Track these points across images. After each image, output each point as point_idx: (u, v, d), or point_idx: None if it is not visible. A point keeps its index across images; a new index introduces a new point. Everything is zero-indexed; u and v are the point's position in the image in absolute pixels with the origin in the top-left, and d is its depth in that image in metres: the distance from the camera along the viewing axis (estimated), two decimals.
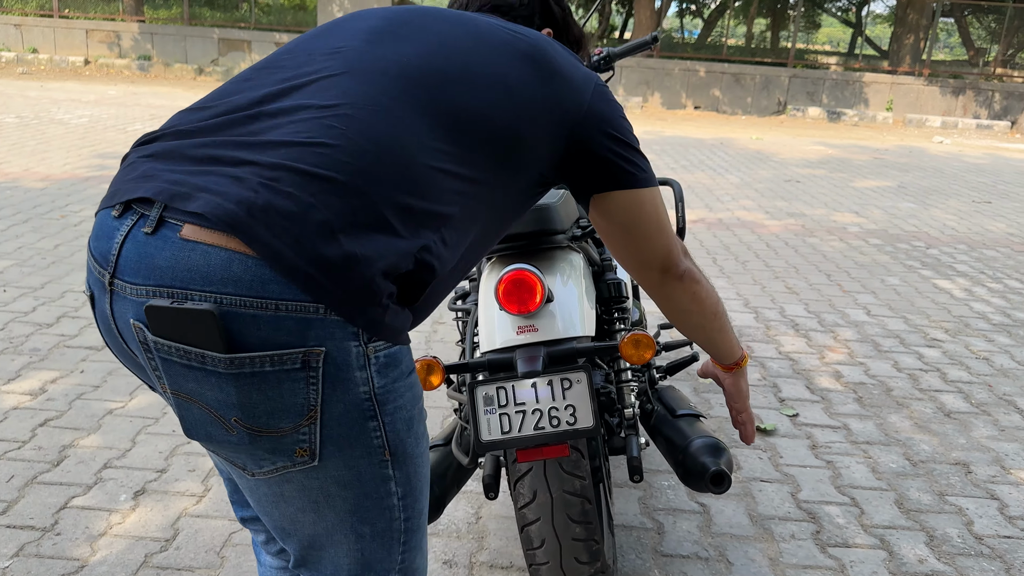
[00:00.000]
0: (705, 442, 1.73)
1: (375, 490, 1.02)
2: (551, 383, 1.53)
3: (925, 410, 3.07)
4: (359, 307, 0.92)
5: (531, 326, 1.60)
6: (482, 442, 1.53)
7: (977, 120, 14.31)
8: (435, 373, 1.59)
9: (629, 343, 1.55)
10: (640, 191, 1.22)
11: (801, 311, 4.15)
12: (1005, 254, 5.59)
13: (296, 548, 1.08)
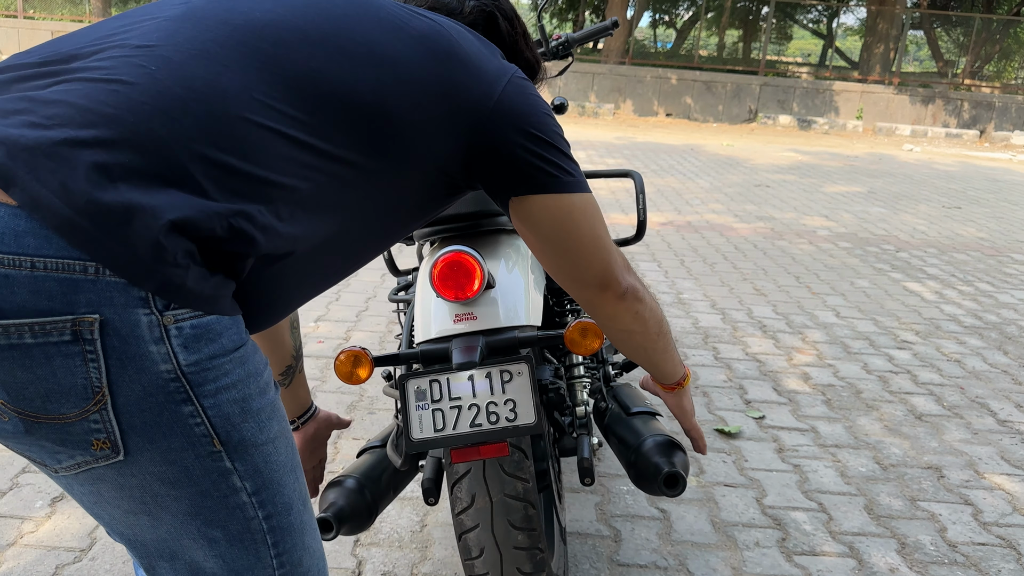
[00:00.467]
0: (658, 441, 1.60)
1: (213, 487, 0.86)
2: (489, 376, 1.39)
3: (896, 413, 2.97)
4: (145, 266, 0.76)
5: (469, 314, 1.47)
6: (413, 441, 1.38)
7: (947, 129, 14.43)
8: (362, 365, 1.44)
9: (575, 331, 1.42)
10: (564, 196, 1.07)
11: (769, 312, 4.06)
12: (975, 258, 5.55)
13: (144, 558, 0.93)
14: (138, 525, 0.88)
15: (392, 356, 1.44)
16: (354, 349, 1.43)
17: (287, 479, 0.93)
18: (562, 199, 1.07)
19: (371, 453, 1.71)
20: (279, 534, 0.93)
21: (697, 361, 3.36)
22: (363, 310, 3.72)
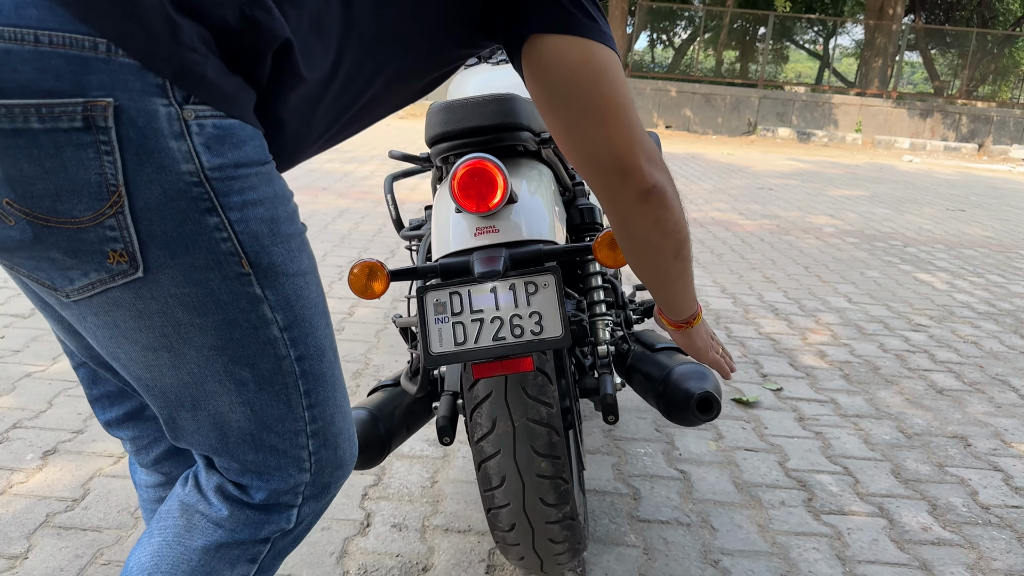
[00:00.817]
0: (688, 368, 1.52)
1: (242, 316, 0.77)
2: (513, 287, 1.31)
3: (916, 387, 2.89)
4: (159, 45, 0.68)
5: (491, 227, 1.39)
6: (432, 355, 1.29)
7: (945, 142, 14.44)
8: (378, 279, 1.36)
9: (604, 242, 1.34)
10: (583, 42, 0.92)
11: (780, 297, 3.98)
12: (984, 253, 5.49)
13: (164, 408, 0.83)
14: (158, 365, 0.79)
15: (410, 270, 1.35)
16: (369, 261, 1.34)
17: (319, 322, 0.85)
18: (580, 44, 0.92)
19: (384, 391, 1.62)
20: (312, 381, 0.84)
21: None
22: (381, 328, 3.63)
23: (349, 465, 0.96)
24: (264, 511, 0.89)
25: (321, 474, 0.92)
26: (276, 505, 0.90)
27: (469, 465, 2.11)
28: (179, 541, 0.89)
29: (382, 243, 4.48)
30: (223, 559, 0.89)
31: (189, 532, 0.89)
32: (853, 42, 31.90)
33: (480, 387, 1.38)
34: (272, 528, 0.90)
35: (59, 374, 2.46)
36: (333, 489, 0.95)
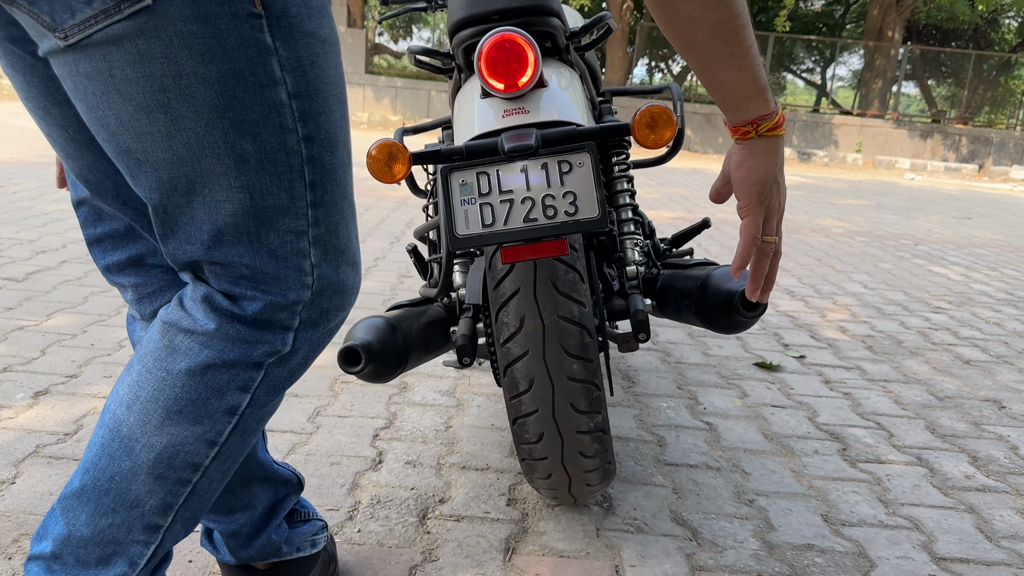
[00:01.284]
0: (725, 270, 1.42)
1: (249, 67, 0.69)
2: (545, 167, 1.21)
3: (942, 358, 2.79)
4: None
5: (520, 108, 1.29)
6: (458, 237, 1.20)
7: (945, 163, 14.44)
8: (399, 161, 1.26)
9: (643, 122, 1.25)
10: None
11: (795, 283, 3.88)
12: (995, 252, 5.41)
13: (155, 192, 0.74)
14: (152, 132, 0.69)
15: (433, 152, 1.26)
16: (388, 141, 1.25)
17: (335, 106, 0.75)
18: None
19: (403, 309, 1.52)
20: (319, 172, 0.75)
21: None
22: (371, 266, 3.54)
23: (351, 295, 0.86)
24: (256, 327, 0.79)
25: (321, 295, 0.82)
26: (270, 322, 0.80)
27: (485, 412, 2.01)
28: (160, 366, 0.79)
29: (387, 230, 4.39)
30: (211, 385, 0.78)
31: (171, 354, 0.79)
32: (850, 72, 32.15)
33: (507, 283, 1.28)
34: (265, 349, 0.80)
35: (53, 327, 2.36)
36: (332, 319, 0.85)
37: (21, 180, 5.02)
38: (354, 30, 15.32)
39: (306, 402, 1.99)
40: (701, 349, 2.67)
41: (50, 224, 3.77)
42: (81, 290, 2.76)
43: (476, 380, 2.23)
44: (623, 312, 1.46)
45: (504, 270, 1.28)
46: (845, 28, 25.40)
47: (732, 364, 2.54)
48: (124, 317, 2.52)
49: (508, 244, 1.20)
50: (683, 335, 2.82)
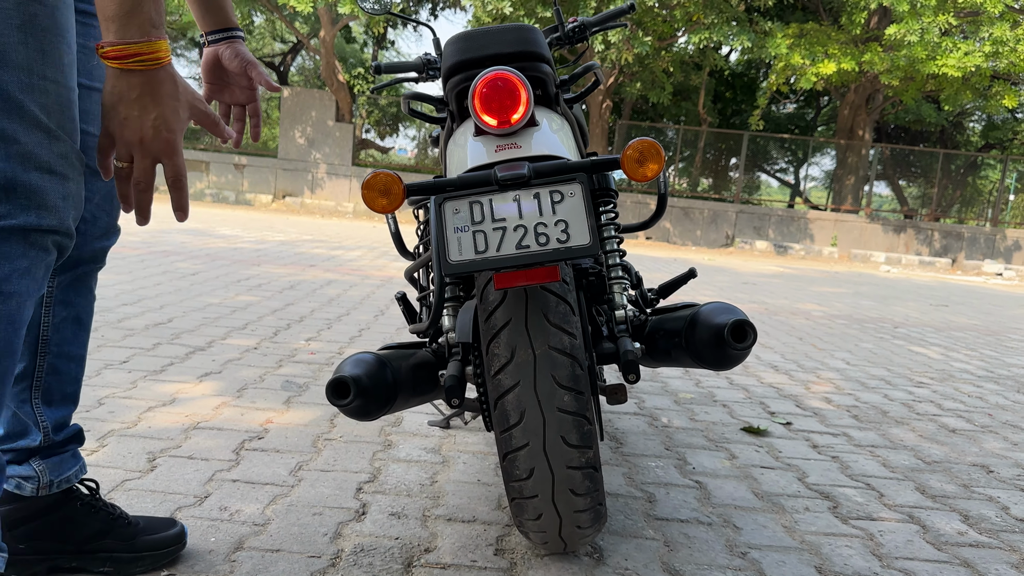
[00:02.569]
0: (713, 306, 1.43)
1: None
2: (538, 196, 1.24)
3: (927, 427, 2.78)
4: None
5: (513, 144, 1.33)
6: (450, 263, 1.21)
7: (920, 256, 14.76)
8: (393, 192, 1.29)
9: (632, 154, 1.28)
10: None
11: (778, 359, 3.90)
12: (973, 335, 5.48)
13: None
14: None
15: (428, 184, 1.28)
16: (385, 172, 1.27)
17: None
18: None
19: (394, 349, 1.52)
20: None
21: (712, 384, 3.17)
22: (356, 336, 3.52)
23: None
24: None
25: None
26: None
27: (471, 468, 1.97)
28: None
29: (372, 305, 4.40)
30: None
31: None
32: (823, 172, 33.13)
33: (499, 315, 1.29)
34: None
35: None
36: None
37: None
38: (342, 124, 15.69)
39: (288, 457, 1.95)
40: (688, 415, 2.66)
41: None
42: None
43: (462, 439, 2.20)
44: (612, 355, 1.47)
45: (496, 301, 1.29)
46: (817, 129, 26.31)
47: (719, 428, 2.53)
48: (104, 378, 2.48)
49: (501, 270, 1.21)
50: (669, 401, 2.81)
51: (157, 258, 5.61)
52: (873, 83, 15.97)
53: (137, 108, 0.95)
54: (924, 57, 13.18)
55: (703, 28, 12.94)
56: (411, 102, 1.61)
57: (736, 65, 22.37)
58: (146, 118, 0.95)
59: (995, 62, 13.34)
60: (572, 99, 1.66)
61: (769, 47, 13.28)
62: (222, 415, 2.21)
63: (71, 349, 1.31)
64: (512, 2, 12.10)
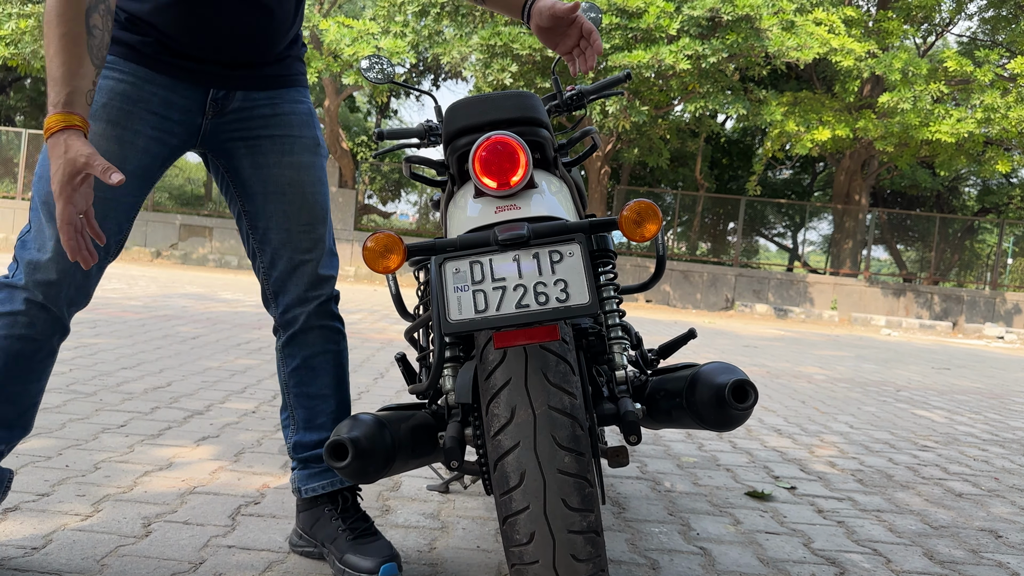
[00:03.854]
0: (713, 366, 1.43)
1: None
2: (537, 256, 1.25)
3: (933, 491, 2.75)
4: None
5: (512, 205, 1.35)
6: (450, 322, 1.22)
7: (920, 320, 14.76)
8: (395, 252, 1.30)
9: (630, 215, 1.30)
10: None
11: (781, 422, 3.87)
12: (976, 398, 5.44)
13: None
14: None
15: (428, 244, 1.29)
16: (386, 232, 1.29)
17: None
18: None
19: (393, 410, 1.51)
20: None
21: (714, 447, 3.14)
22: (355, 399, 3.50)
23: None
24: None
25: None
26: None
27: (471, 535, 1.94)
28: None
29: (371, 368, 4.38)
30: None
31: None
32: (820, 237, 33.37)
33: (498, 374, 1.29)
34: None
35: (28, 449, 2.29)
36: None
37: None
38: (345, 190, 15.88)
39: (284, 522, 1.92)
40: (691, 479, 2.63)
41: None
42: (59, 417, 2.70)
43: (462, 503, 2.17)
44: (613, 416, 1.46)
45: (495, 361, 1.28)
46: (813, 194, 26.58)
47: (723, 493, 2.49)
48: (101, 442, 2.46)
49: (500, 329, 1.22)
50: (672, 465, 2.78)
51: (158, 322, 5.62)
52: (868, 149, 16.22)
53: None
54: (918, 124, 13.43)
55: (699, 97, 13.21)
56: (413, 165, 1.63)
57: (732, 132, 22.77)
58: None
59: (987, 128, 13.58)
60: (570, 162, 1.69)
61: (764, 114, 13.53)
62: (219, 479, 2.19)
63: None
64: (512, 73, 12.38)
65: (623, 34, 12.35)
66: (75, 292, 1.49)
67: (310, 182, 1.61)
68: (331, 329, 1.68)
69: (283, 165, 1.59)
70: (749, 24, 12.31)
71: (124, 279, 9.66)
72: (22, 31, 13.51)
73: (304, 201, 1.60)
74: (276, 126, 1.59)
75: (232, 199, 1.64)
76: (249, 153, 1.59)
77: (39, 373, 1.50)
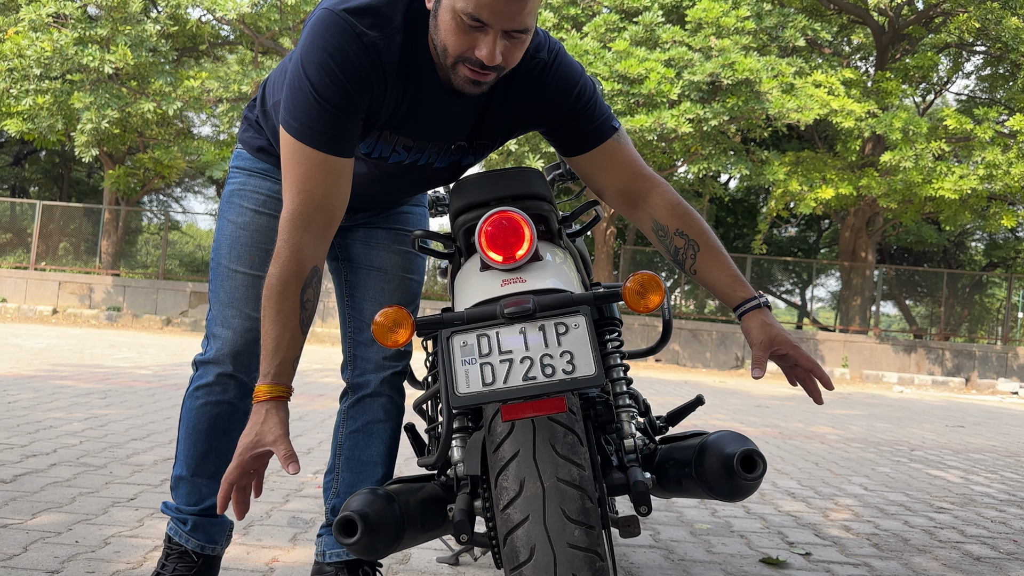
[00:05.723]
0: (721, 434, 1.44)
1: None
2: (543, 328, 1.28)
3: (951, 555, 2.70)
4: None
5: (518, 278, 1.38)
6: (458, 395, 1.23)
7: (932, 376, 14.65)
8: (403, 326, 1.33)
9: (633, 287, 1.32)
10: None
11: (794, 485, 3.83)
12: (992, 457, 5.37)
13: None
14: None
15: (436, 318, 1.32)
16: (396, 307, 1.32)
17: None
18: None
19: (402, 483, 1.52)
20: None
21: (728, 513, 3.11)
22: None
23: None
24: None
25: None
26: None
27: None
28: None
29: None
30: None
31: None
32: (829, 293, 33.35)
33: (506, 447, 1.30)
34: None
35: (38, 525, 2.29)
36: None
37: (17, 392, 5.04)
38: None
39: None
40: (704, 547, 2.60)
41: (42, 431, 3.75)
42: (69, 491, 2.71)
43: (472, 575, 2.15)
44: (623, 486, 1.46)
45: (503, 433, 1.30)
46: (819, 252, 26.66)
47: (737, 561, 2.46)
48: (111, 516, 2.46)
49: (508, 402, 1.23)
50: (685, 533, 2.75)
51: (168, 391, 5.64)
52: (872, 206, 16.33)
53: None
54: (920, 181, 13.55)
55: (701, 158, 13.39)
56: (420, 240, 1.67)
57: (735, 192, 22.98)
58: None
59: (990, 184, 13.68)
60: (574, 233, 1.73)
61: (767, 174, 13.68)
62: (228, 553, 2.18)
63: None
64: (516, 140, 12.59)
65: (625, 99, 12.60)
66: (258, 361, 1.62)
67: (410, 270, 1.82)
68: (395, 402, 1.80)
69: (392, 251, 1.80)
70: (749, 88, 12.55)
71: (134, 348, 9.71)
72: (39, 107, 13.85)
73: (401, 283, 1.80)
74: (394, 221, 1.83)
75: (337, 268, 1.85)
76: (365, 236, 1.81)
77: (238, 431, 1.64)
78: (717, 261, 1.57)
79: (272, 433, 1.39)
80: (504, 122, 1.56)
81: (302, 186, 1.41)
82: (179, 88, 14.14)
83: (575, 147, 1.57)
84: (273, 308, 1.43)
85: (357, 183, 1.57)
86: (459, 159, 1.61)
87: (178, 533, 1.73)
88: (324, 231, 1.45)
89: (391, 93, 1.44)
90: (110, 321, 15.38)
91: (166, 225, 19.94)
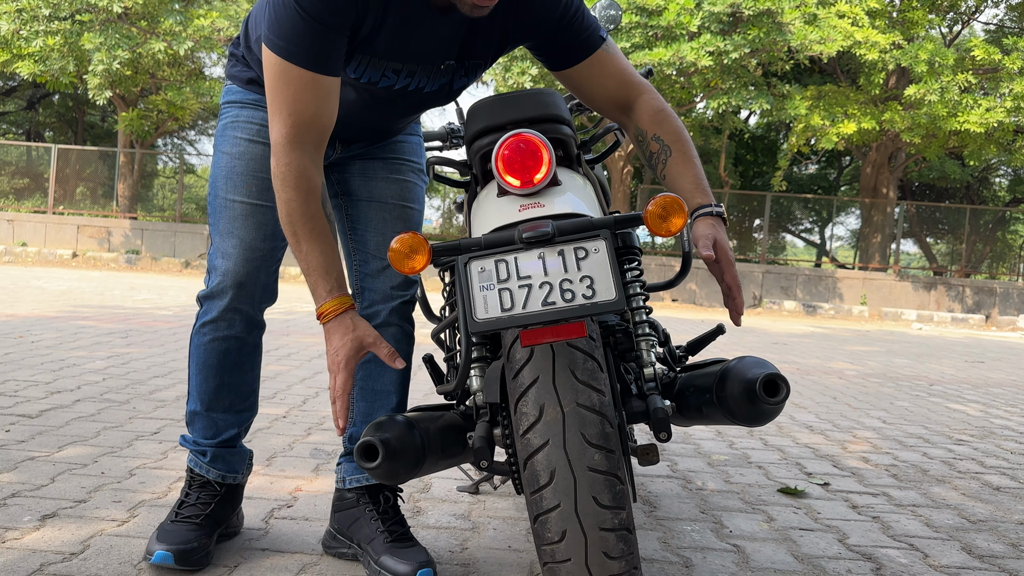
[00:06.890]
0: (744, 360, 1.42)
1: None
2: (562, 253, 1.25)
3: (970, 485, 2.70)
4: None
5: (536, 203, 1.35)
6: (477, 321, 1.22)
7: (952, 314, 14.55)
8: (420, 252, 1.30)
9: (655, 210, 1.29)
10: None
11: (812, 419, 3.83)
12: (1012, 392, 5.35)
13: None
14: None
15: (454, 244, 1.30)
16: (412, 234, 1.29)
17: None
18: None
19: (422, 411, 1.51)
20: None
21: (745, 445, 3.12)
22: None
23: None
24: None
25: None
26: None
27: (502, 535, 1.94)
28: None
29: None
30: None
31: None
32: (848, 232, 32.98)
33: (526, 373, 1.29)
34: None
35: (64, 458, 2.33)
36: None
37: (40, 332, 5.10)
38: None
39: (317, 525, 1.93)
40: (723, 476, 2.61)
41: (66, 368, 3.80)
42: (94, 425, 2.75)
43: (492, 504, 2.17)
44: (642, 414, 1.45)
45: (523, 360, 1.28)
46: (840, 189, 26.29)
47: (755, 490, 2.47)
48: (135, 449, 2.49)
49: (527, 327, 1.22)
50: (703, 463, 2.76)
51: (188, 331, 5.68)
52: (895, 141, 16.02)
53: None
54: (945, 114, 13.24)
55: (721, 93, 13.12)
56: (435, 167, 1.64)
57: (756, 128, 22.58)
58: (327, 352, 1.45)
59: (1017, 117, 13.35)
60: (593, 159, 1.69)
61: (788, 109, 13.41)
62: (251, 484, 2.21)
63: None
64: (532, 76, 12.38)
65: (643, 32, 12.31)
66: (261, 291, 1.71)
67: (410, 199, 1.79)
68: (405, 331, 1.79)
69: (390, 181, 1.77)
70: (771, 18, 12.22)
71: (154, 289, 9.79)
72: (50, 48, 13.73)
73: (402, 213, 1.77)
74: (389, 151, 1.79)
75: (337, 204, 1.82)
76: (361, 168, 1.78)
77: (250, 364, 1.76)
78: (686, 167, 1.56)
79: (371, 335, 1.42)
80: (495, 38, 1.53)
81: (292, 107, 1.40)
82: (189, 27, 13.95)
83: (566, 60, 1.55)
84: (306, 228, 1.42)
85: (349, 111, 1.56)
86: (450, 80, 1.58)
87: (198, 464, 1.75)
88: (317, 149, 1.45)
89: (373, 8, 1.41)
90: (129, 264, 15.50)
91: (181, 168, 19.91)
